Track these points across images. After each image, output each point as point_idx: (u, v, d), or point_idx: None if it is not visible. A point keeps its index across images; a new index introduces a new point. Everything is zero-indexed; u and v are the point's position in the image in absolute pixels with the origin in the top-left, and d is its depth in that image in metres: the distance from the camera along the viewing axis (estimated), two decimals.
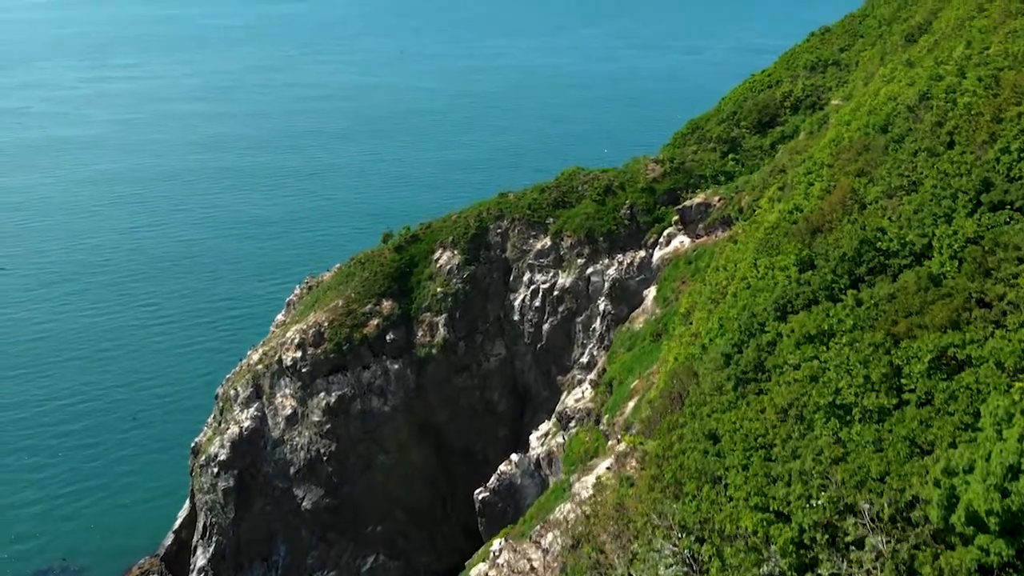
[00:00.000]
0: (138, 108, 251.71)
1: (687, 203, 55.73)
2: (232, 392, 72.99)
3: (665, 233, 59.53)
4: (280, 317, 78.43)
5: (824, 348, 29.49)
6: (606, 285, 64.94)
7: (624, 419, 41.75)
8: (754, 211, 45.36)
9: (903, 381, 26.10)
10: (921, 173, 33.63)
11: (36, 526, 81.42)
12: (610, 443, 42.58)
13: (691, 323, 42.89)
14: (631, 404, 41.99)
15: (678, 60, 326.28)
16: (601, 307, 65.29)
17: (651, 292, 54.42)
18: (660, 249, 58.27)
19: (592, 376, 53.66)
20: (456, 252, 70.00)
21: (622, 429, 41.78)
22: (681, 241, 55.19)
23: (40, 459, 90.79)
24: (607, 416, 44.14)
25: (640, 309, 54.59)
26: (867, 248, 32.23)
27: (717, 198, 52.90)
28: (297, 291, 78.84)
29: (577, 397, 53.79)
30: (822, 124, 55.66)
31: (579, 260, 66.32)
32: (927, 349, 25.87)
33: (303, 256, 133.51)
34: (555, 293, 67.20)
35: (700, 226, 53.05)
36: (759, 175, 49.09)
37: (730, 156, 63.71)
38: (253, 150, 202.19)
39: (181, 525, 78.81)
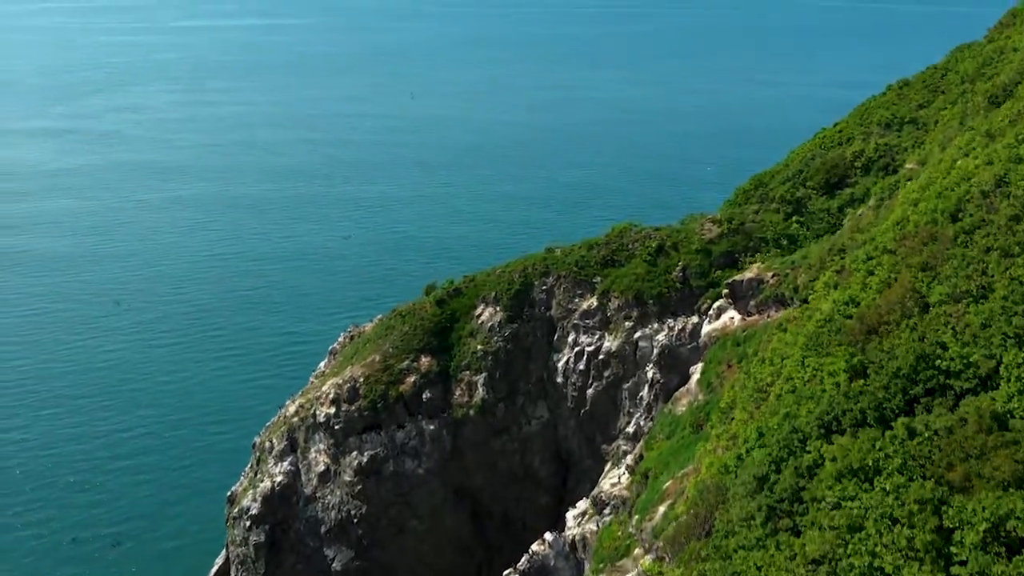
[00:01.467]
0: (224, 134, 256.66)
1: (738, 277, 51.19)
2: (268, 444, 70.86)
3: (715, 305, 54.97)
4: (322, 365, 76.18)
5: (868, 487, 25.25)
6: (655, 352, 60.57)
7: (653, 525, 37.76)
8: (808, 296, 40.78)
9: (952, 550, 21.64)
10: (991, 277, 28.86)
11: (79, 565, 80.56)
12: (637, 551, 38.70)
13: (732, 419, 38.70)
14: (661, 509, 37.99)
15: (763, 94, 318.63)
16: (649, 375, 60.91)
17: (697, 371, 49.98)
18: (709, 323, 53.76)
19: (629, 461, 49.43)
20: (498, 308, 66.57)
21: (650, 537, 37.86)
22: (731, 317, 50.65)
23: (89, 495, 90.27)
24: (637, 517, 40.09)
25: (685, 389, 50.17)
26: (925, 365, 27.68)
27: (771, 274, 48.28)
28: (341, 339, 76.52)
29: (614, 481, 49.60)
30: (893, 191, 50.60)
31: (627, 323, 62.13)
32: (983, 516, 21.39)
33: (370, 291, 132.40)
34: (601, 357, 63.09)
35: (752, 303, 48.51)
36: (816, 252, 44.36)
37: (794, 218, 58.88)
38: (330, 180, 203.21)
39: (217, 573, 76.96)
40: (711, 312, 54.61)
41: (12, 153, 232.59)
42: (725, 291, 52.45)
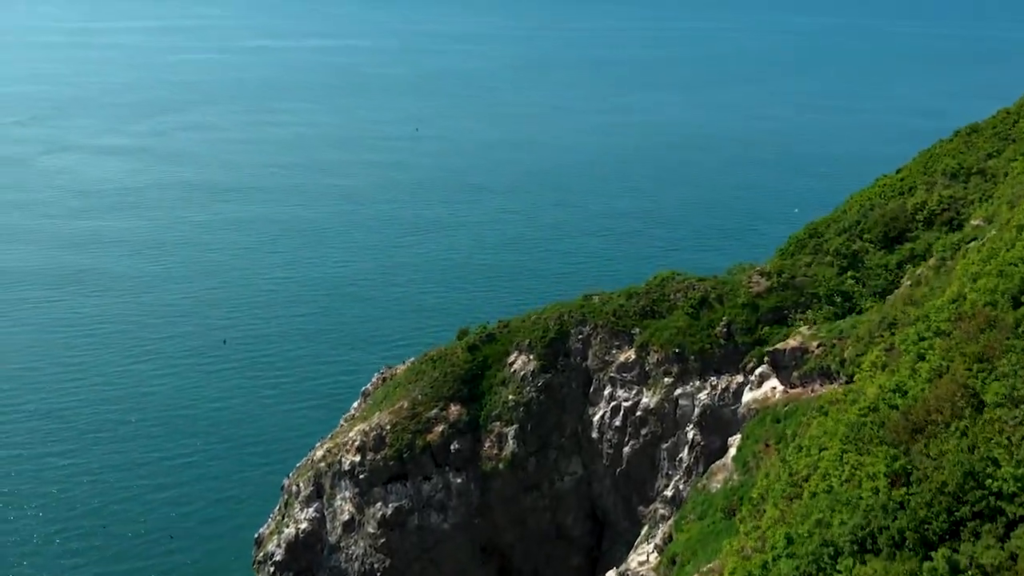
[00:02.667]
0: (285, 155, 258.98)
1: (781, 346, 47.47)
2: (295, 487, 69.00)
3: (757, 372, 51.26)
4: (353, 407, 74.09)
5: None
6: (696, 411, 56.97)
7: None
8: (854, 372, 37.10)
9: None
10: None
11: None
12: None
13: (762, 513, 35.27)
14: None
15: (834, 121, 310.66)
16: (689, 436, 57.30)
17: (735, 444, 46.39)
18: (751, 390, 50.11)
19: (659, 540, 45.99)
20: (532, 357, 63.67)
21: None
22: (773, 387, 46.98)
23: (129, 526, 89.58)
24: None
25: (721, 463, 46.62)
26: (973, 483, 24.12)
27: (816, 343, 44.56)
28: (374, 379, 74.39)
29: (642, 559, 46.22)
30: (956, 250, 46.48)
31: (666, 379, 58.64)
32: None
33: (419, 321, 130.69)
34: (638, 413, 59.69)
35: (795, 374, 44.83)
36: (865, 324, 40.64)
37: (849, 273, 54.84)
38: (386, 203, 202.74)
39: None
40: (753, 378, 50.95)
41: (82, 170, 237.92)
42: (767, 359, 48.75)
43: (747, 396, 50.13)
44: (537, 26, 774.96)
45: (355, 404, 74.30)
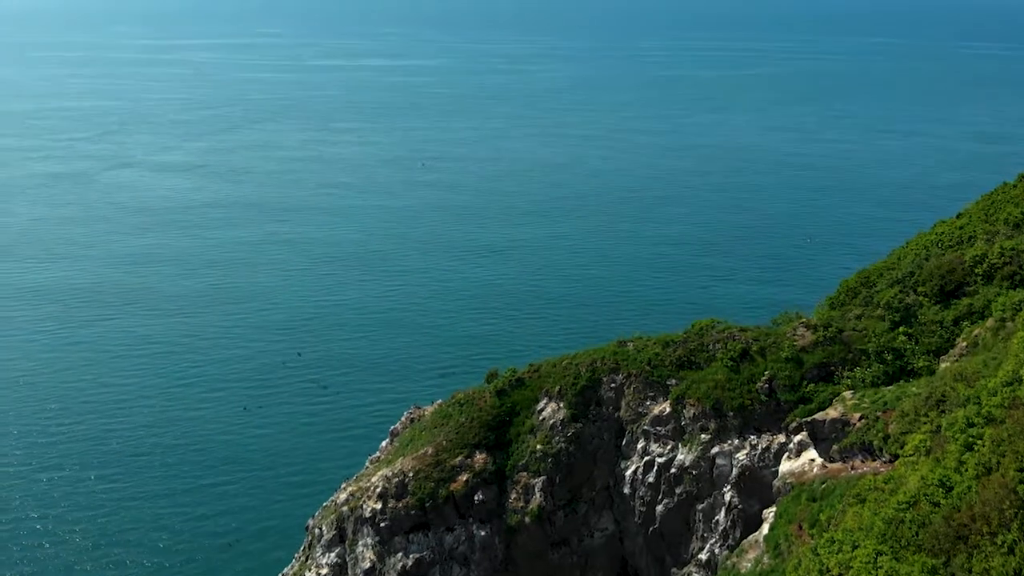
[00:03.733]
0: (343, 174, 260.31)
1: (820, 416, 43.86)
2: (318, 530, 66.92)
3: (796, 440, 47.64)
4: (382, 446, 71.90)
5: None
6: (734, 471, 53.40)
7: None
8: (896, 452, 33.61)
9: None
10: None
11: None
12: None
13: None
14: None
15: (898, 145, 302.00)
16: (727, 497, 53.73)
17: (768, 521, 42.91)
18: (788, 459, 46.53)
19: None
20: (562, 405, 60.72)
21: None
22: (811, 459, 43.42)
23: (166, 556, 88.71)
24: None
25: (754, 538, 43.18)
26: None
27: (858, 415, 40.97)
28: (404, 418, 72.16)
29: None
30: (1018, 310, 42.56)
31: (703, 435, 55.21)
32: None
33: (462, 352, 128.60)
34: (673, 470, 56.31)
35: (834, 447, 41.29)
36: (911, 401, 37.04)
37: (901, 329, 50.90)
38: (438, 225, 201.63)
39: None
40: (791, 446, 47.38)
41: (142, 187, 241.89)
42: (805, 431, 45.20)
43: (784, 466, 46.56)
44: (601, 46, 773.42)
45: (383, 443, 72.13)
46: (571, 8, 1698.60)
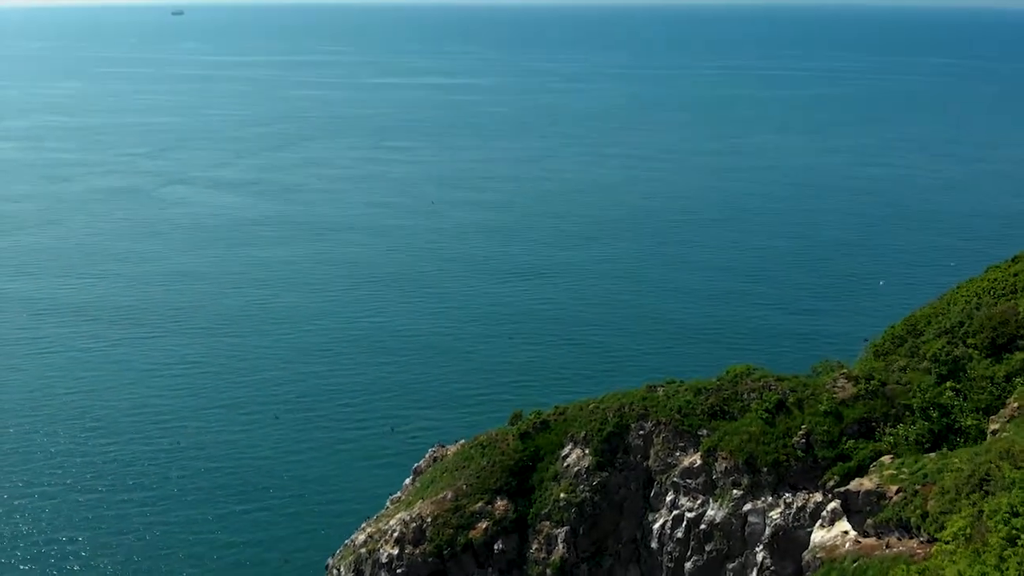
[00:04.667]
0: (395, 192, 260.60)
1: (854, 487, 40.46)
2: (336, 571, 65.01)
3: (829, 508, 44.25)
4: (404, 484, 69.77)
5: None
6: (767, 531, 50.07)
7: None
8: (935, 534, 30.36)
9: None
10: None
11: None
12: None
13: None
14: None
15: (960, 170, 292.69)
16: (759, 558, 50.39)
17: None
18: (820, 529, 43.17)
19: None
20: (587, 451, 57.93)
21: None
22: (844, 531, 40.08)
23: None
24: None
25: None
26: None
27: (895, 487, 37.61)
28: (428, 455, 69.97)
29: None
30: None
31: (735, 491, 51.95)
32: None
33: (494, 384, 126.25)
34: (703, 526, 53.12)
35: (869, 521, 37.96)
36: (952, 476, 33.73)
37: (948, 384, 47.30)
38: (484, 245, 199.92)
39: None
40: (824, 513, 44.02)
41: (195, 203, 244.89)
42: (839, 500, 41.86)
43: (815, 536, 43.22)
44: (658, 65, 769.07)
45: (406, 481, 70.00)
46: (630, 28, 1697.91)
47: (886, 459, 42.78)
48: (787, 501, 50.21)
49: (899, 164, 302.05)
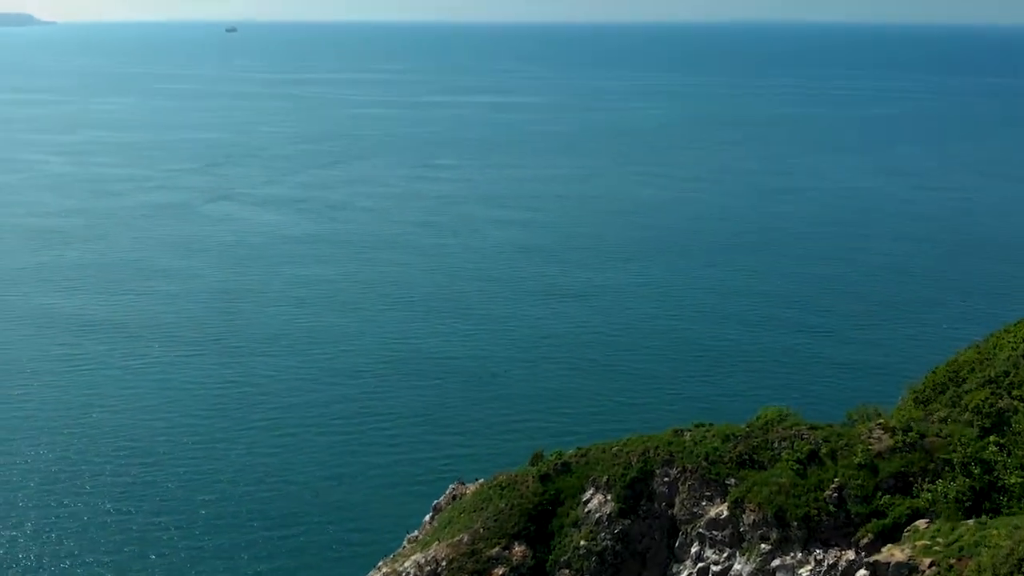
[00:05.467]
0: (441, 210, 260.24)
1: (883, 558, 37.66)
2: None
3: (859, 574, 41.35)
4: (425, 520, 67.80)
5: None
6: None
7: None
8: None
9: None
10: None
11: None
12: None
13: None
14: None
15: (1020, 192, 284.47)
16: None
17: None
18: None
19: None
20: (610, 497, 55.44)
21: None
22: None
23: None
24: None
25: None
26: None
27: (927, 561, 34.79)
28: (447, 493, 67.94)
29: None
30: None
31: (763, 545, 49.10)
32: None
33: (524, 416, 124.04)
34: None
35: None
36: (990, 554, 30.91)
37: (992, 438, 44.17)
38: (527, 266, 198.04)
39: None
40: None
41: (240, 220, 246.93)
42: (867, 571, 39.01)
43: None
44: (710, 83, 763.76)
45: (425, 518, 68.02)
46: (682, 46, 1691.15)
47: (921, 524, 39.87)
48: (817, 558, 47.27)
49: (955, 187, 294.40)
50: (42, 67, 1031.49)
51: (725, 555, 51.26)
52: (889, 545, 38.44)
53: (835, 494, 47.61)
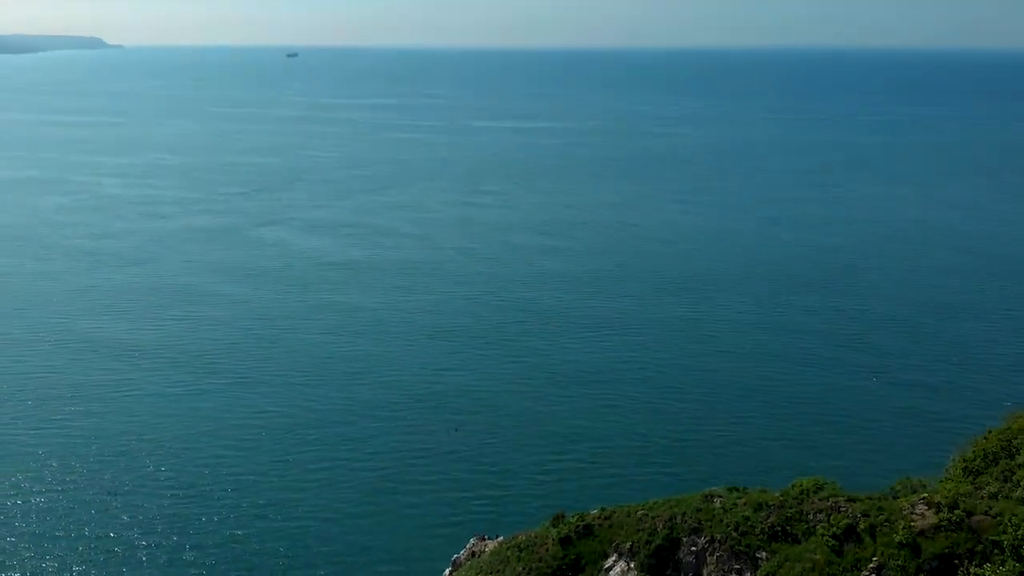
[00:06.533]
0: (484, 237, 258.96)
1: None
2: None
3: None
4: (445, 574, 65.38)
5: None
6: None
7: None
8: None
9: None
10: None
11: None
12: None
13: None
14: None
15: None
16: None
17: None
18: None
19: None
20: (633, 565, 52.44)
21: None
22: None
23: None
24: None
25: None
26: None
27: None
28: (467, 549, 65.40)
29: None
30: None
31: None
32: None
33: (572, 455, 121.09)
34: None
35: None
36: None
37: None
38: (572, 294, 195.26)
39: None
40: None
41: (288, 244, 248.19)
42: None
43: None
44: (760, 108, 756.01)
45: (445, 572, 65.61)
46: (731, 71, 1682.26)
47: None
48: None
49: (1018, 221, 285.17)
50: (107, 90, 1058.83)
51: None
52: None
53: (873, 574, 44.20)
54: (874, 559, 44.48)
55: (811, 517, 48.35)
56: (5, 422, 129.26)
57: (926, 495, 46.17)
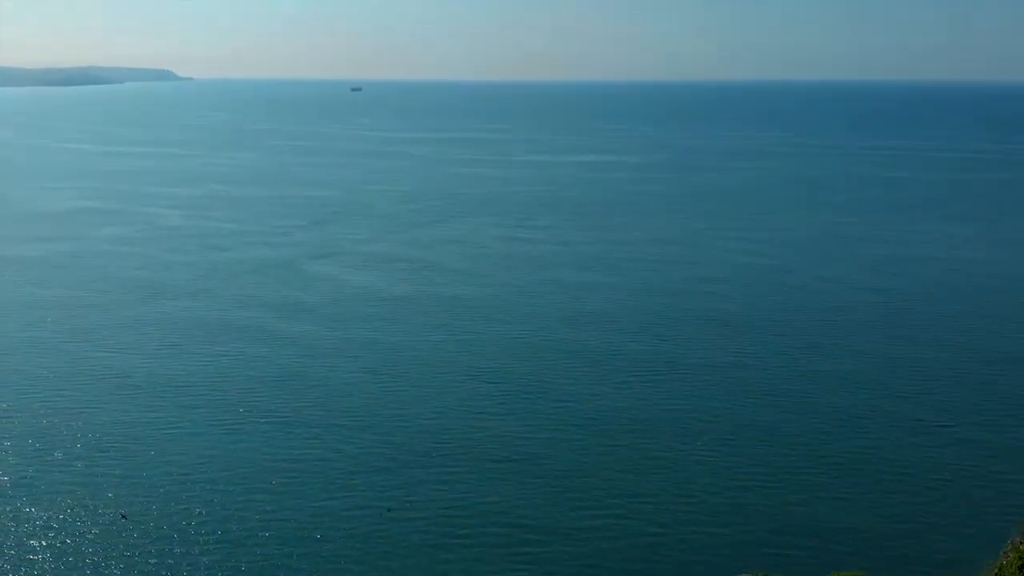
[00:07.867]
0: (530, 272, 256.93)
1: None
2: None
3: None
4: None
5: None
6: None
7: None
8: None
9: None
10: None
11: None
12: None
13: None
14: None
15: None
16: None
17: None
18: None
19: None
20: None
21: None
22: None
23: None
24: None
25: None
26: None
27: None
28: None
29: None
30: None
31: None
32: None
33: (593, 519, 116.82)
34: None
35: None
36: None
37: None
38: (622, 335, 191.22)
39: None
40: None
41: (340, 278, 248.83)
42: None
43: None
44: (816, 143, 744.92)
45: None
46: (787, 104, 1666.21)
47: None
48: None
49: None
50: (175, 121, 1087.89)
51: None
52: None
53: None
54: None
55: None
56: (33, 457, 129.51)
57: None
